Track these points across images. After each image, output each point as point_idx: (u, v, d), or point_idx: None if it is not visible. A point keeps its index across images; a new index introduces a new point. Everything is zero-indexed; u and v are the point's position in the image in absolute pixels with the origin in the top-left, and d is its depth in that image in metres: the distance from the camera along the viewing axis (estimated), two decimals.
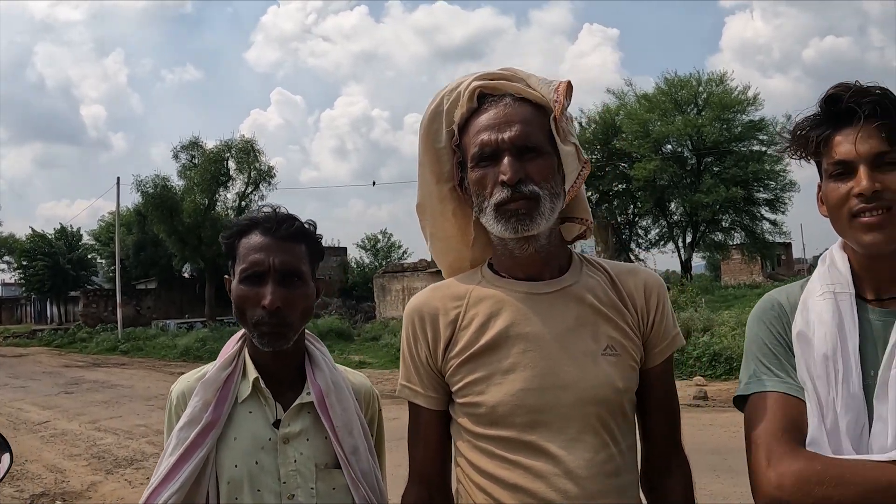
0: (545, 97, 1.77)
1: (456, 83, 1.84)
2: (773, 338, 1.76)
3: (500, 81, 1.79)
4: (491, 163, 1.70)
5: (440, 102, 1.85)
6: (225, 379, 1.99)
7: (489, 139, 1.70)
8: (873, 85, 1.67)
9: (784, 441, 1.61)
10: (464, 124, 1.79)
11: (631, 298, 1.82)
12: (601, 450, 1.69)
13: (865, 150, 1.61)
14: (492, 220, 1.71)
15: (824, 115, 1.70)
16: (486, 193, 1.71)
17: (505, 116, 1.72)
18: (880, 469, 1.49)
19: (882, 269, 1.69)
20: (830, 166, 1.68)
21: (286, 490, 1.92)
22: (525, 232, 1.69)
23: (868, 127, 1.61)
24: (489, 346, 1.74)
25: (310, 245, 2.03)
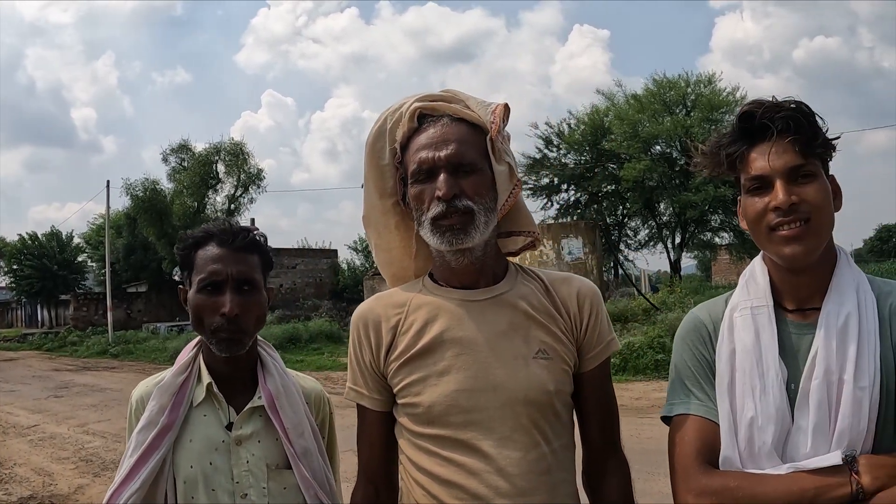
0: (482, 118, 1.86)
1: (399, 104, 1.94)
2: (695, 359, 1.85)
3: (439, 103, 1.89)
4: (429, 179, 1.80)
5: (384, 122, 1.94)
6: (180, 384, 2.11)
7: (426, 157, 1.80)
8: (788, 100, 1.74)
9: (699, 463, 1.70)
10: (405, 143, 1.88)
11: (564, 305, 1.90)
12: (532, 448, 1.78)
13: (780, 164, 1.68)
14: (429, 234, 1.81)
15: (739, 131, 1.76)
16: (424, 208, 1.81)
17: (442, 136, 1.82)
18: (793, 480, 1.58)
19: (801, 282, 1.76)
20: (748, 182, 1.74)
21: (239, 489, 2.04)
22: (459, 245, 1.79)
23: (782, 142, 1.68)
24: (425, 349, 1.83)
25: (262, 255, 2.15)
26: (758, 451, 1.65)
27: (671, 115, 35.15)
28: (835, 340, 1.65)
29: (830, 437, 1.61)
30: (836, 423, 1.61)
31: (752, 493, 1.59)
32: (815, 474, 1.56)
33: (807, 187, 1.67)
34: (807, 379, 1.66)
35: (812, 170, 1.69)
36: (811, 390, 1.64)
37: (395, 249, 2.04)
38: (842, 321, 1.67)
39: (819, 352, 1.66)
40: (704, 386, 1.80)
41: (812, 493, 1.54)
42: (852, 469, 1.55)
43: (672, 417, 1.83)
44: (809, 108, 1.72)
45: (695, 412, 1.78)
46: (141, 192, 37.65)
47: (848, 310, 1.68)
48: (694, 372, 1.83)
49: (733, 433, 1.69)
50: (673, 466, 1.76)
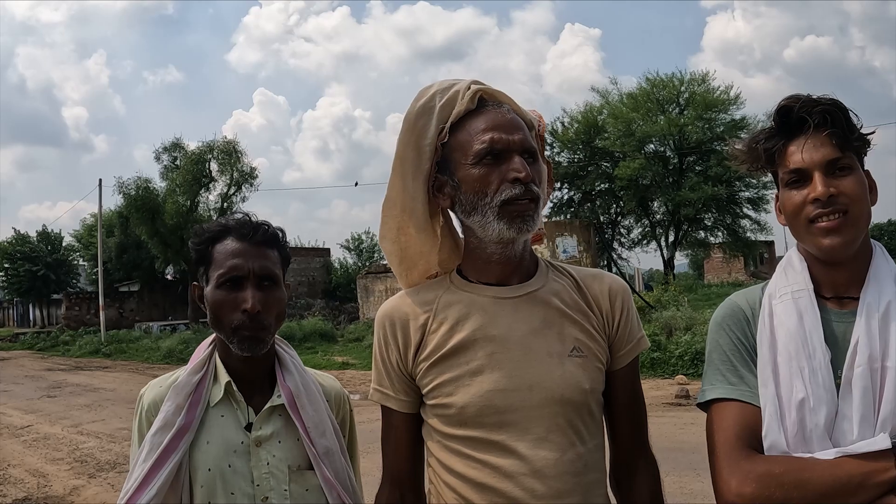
0: (530, 116, 1.84)
1: (449, 83, 1.86)
2: (733, 344, 1.82)
3: (498, 91, 1.84)
4: (496, 161, 1.73)
5: (431, 98, 1.84)
6: (196, 383, 2.03)
7: (499, 138, 1.73)
8: (824, 96, 1.73)
9: (742, 448, 1.67)
10: (457, 123, 1.81)
11: (596, 302, 1.86)
12: (568, 449, 1.73)
13: (819, 157, 1.67)
14: (492, 220, 1.73)
15: (777, 126, 1.76)
16: (490, 191, 1.72)
17: (511, 120, 1.77)
18: (838, 465, 1.55)
19: (838, 273, 1.75)
20: (786, 175, 1.73)
21: (260, 493, 1.96)
22: (527, 233, 1.75)
23: (819, 135, 1.68)
24: (457, 348, 1.77)
25: (281, 250, 2.07)
26: (810, 434, 1.63)
27: (665, 114, 35.23)
28: (877, 328, 1.64)
29: (874, 424, 1.59)
30: (879, 409, 1.60)
31: (799, 478, 1.57)
32: (861, 459, 1.54)
33: (844, 180, 1.67)
34: (849, 367, 1.64)
35: (849, 163, 1.68)
36: (854, 378, 1.62)
37: (421, 235, 1.94)
38: (883, 309, 1.66)
39: (861, 339, 1.64)
40: (742, 370, 1.77)
41: (859, 478, 1.52)
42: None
43: (710, 403, 1.80)
44: (844, 105, 1.71)
45: (735, 396, 1.74)
46: (133, 191, 37.52)
47: (888, 298, 1.67)
48: (731, 357, 1.80)
49: (779, 417, 1.66)
50: (714, 452, 1.72)
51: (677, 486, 6.82)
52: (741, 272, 49.33)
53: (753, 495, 1.59)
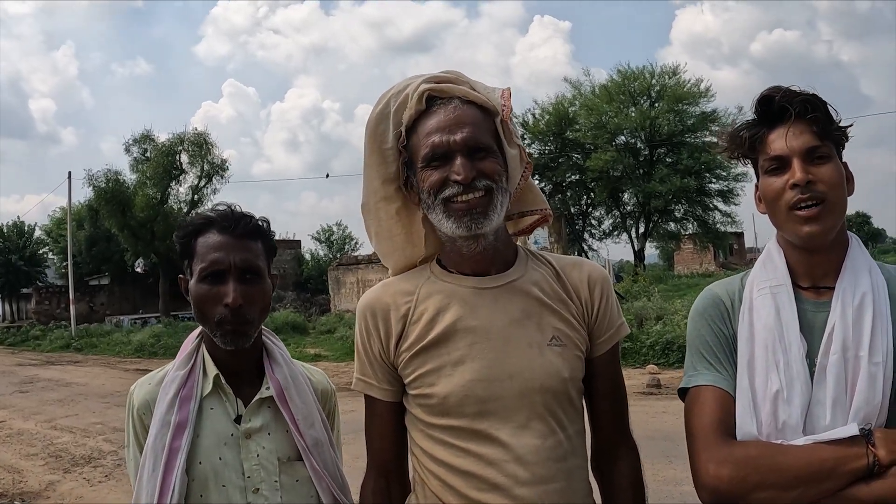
0: (491, 101, 1.84)
1: (403, 85, 1.90)
2: (713, 333, 1.88)
3: (448, 85, 1.85)
4: (442, 163, 1.76)
5: (387, 104, 1.89)
6: (185, 377, 2.03)
7: (441, 140, 1.76)
8: (804, 88, 1.80)
9: (720, 433, 1.74)
10: (412, 125, 1.84)
11: (576, 290, 1.90)
12: (549, 436, 1.78)
13: (798, 144, 1.73)
14: (442, 218, 1.78)
15: (758, 115, 1.82)
16: (435, 191, 1.77)
17: (456, 118, 1.77)
18: (813, 451, 1.63)
19: (816, 261, 1.81)
20: (766, 162, 1.80)
21: (251, 484, 1.98)
22: (478, 230, 1.76)
23: (799, 124, 1.74)
24: (439, 339, 1.81)
25: (265, 242, 2.08)
26: (782, 425, 1.70)
27: (636, 106, 35.40)
28: (851, 317, 1.71)
29: (847, 411, 1.67)
30: (852, 397, 1.67)
31: (774, 462, 1.64)
32: (834, 446, 1.62)
33: (822, 167, 1.73)
34: (824, 354, 1.71)
35: (827, 152, 1.75)
36: (829, 365, 1.69)
37: (397, 237, 1.99)
38: (858, 300, 1.73)
39: (836, 328, 1.71)
40: (722, 360, 1.84)
41: (831, 463, 1.59)
42: (868, 442, 1.61)
43: (689, 390, 1.86)
44: (822, 98, 1.78)
45: (714, 384, 1.81)
46: (103, 183, 37.20)
47: (863, 289, 1.74)
48: (712, 346, 1.87)
49: (752, 408, 1.74)
50: (692, 436, 1.78)
51: (650, 474, 6.85)
52: (711, 263, 49.65)
53: (730, 478, 1.66)
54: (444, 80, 1.87)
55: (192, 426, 1.96)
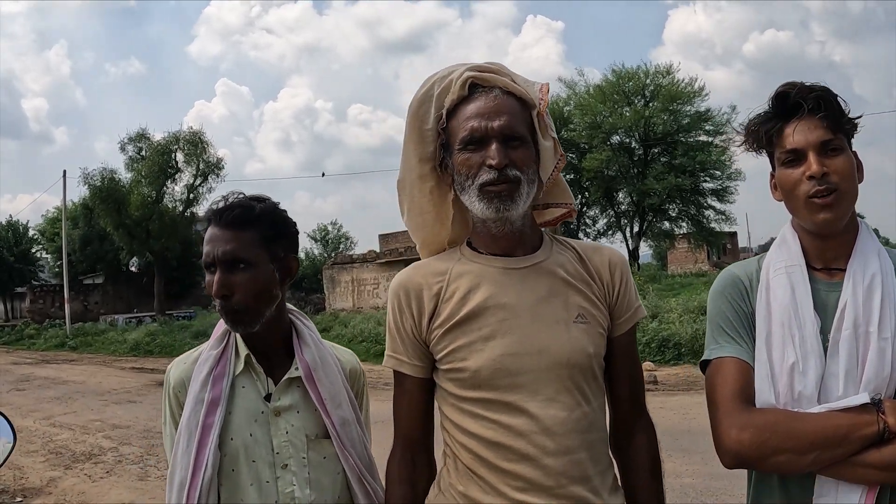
0: (529, 94, 1.93)
1: (448, 71, 1.98)
2: (733, 309, 1.98)
3: (490, 74, 1.93)
4: (478, 147, 1.85)
5: (431, 87, 1.98)
6: (219, 356, 2.10)
7: (479, 126, 1.84)
8: (816, 83, 1.90)
9: (741, 401, 1.84)
10: (453, 109, 1.92)
11: (598, 272, 1.99)
12: (575, 408, 1.86)
13: (813, 138, 1.83)
14: (475, 200, 1.86)
15: (774, 110, 1.92)
16: (472, 174, 1.85)
17: (495, 107, 1.86)
18: (827, 418, 1.74)
19: (828, 245, 1.91)
20: (783, 155, 1.89)
21: (279, 460, 2.05)
22: (505, 212, 1.84)
23: (813, 118, 1.84)
24: (470, 315, 1.89)
25: (261, 228, 2.08)
26: (798, 396, 1.80)
27: (630, 106, 35.49)
28: (861, 296, 1.82)
29: (858, 383, 1.77)
30: (863, 369, 1.78)
31: (791, 427, 1.75)
32: (847, 413, 1.73)
33: (836, 159, 1.83)
34: (837, 330, 1.82)
35: (840, 144, 1.85)
36: (841, 340, 1.80)
37: (427, 214, 2.07)
38: (868, 280, 1.84)
39: (848, 305, 1.82)
40: (742, 334, 1.94)
41: (844, 429, 1.70)
42: (879, 410, 1.72)
43: (711, 361, 1.96)
44: (834, 92, 1.88)
45: (735, 355, 1.91)
46: (99, 182, 37.21)
47: (873, 270, 1.85)
48: (732, 321, 1.96)
49: (770, 380, 1.84)
50: (715, 403, 1.88)
51: None
52: (705, 262, 49.84)
53: (751, 441, 1.77)
54: (487, 70, 1.95)
55: (224, 403, 2.03)
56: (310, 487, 2.06)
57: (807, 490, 1.80)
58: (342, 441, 2.09)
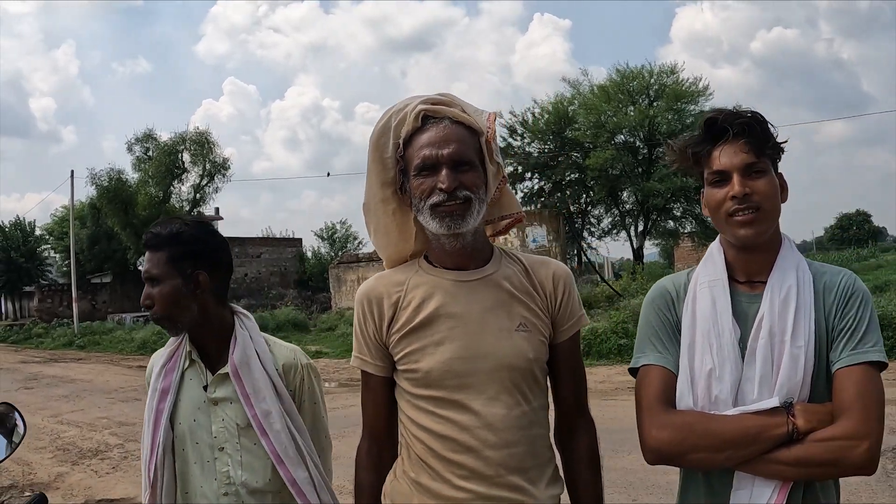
0: (478, 123, 2.14)
1: (403, 104, 2.19)
2: (660, 320, 2.18)
3: (441, 106, 2.14)
4: (431, 173, 2.06)
5: (388, 119, 2.19)
6: (172, 353, 2.55)
7: (430, 154, 2.05)
8: (745, 109, 2.09)
9: (662, 403, 2.05)
10: (408, 139, 2.13)
11: (542, 285, 2.20)
12: (515, 407, 2.09)
13: (738, 161, 2.01)
14: (429, 219, 2.07)
15: (705, 134, 2.09)
16: (425, 197, 2.06)
17: (444, 136, 2.07)
18: (741, 419, 1.93)
19: (751, 259, 2.09)
20: (710, 175, 2.08)
21: (217, 443, 2.45)
22: (457, 229, 2.05)
23: (739, 143, 2.02)
24: (423, 323, 2.12)
25: (169, 249, 2.45)
26: (715, 399, 1.99)
27: (635, 105, 35.44)
28: (777, 307, 2.00)
29: (773, 387, 1.95)
30: (777, 375, 1.96)
31: (706, 427, 1.94)
32: (759, 415, 1.91)
33: (758, 181, 2.01)
34: (754, 338, 2.00)
35: (763, 167, 2.02)
36: (758, 348, 1.99)
37: (392, 233, 2.29)
38: (784, 292, 2.01)
39: (765, 316, 2.00)
40: (667, 343, 2.13)
41: (755, 430, 1.89)
42: (789, 413, 1.90)
43: (638, 368, 2.15)
44: (763, 117, 2.06)
45: (659, 363, 2.10)
46: (106, 182, 37.38)
47: (789, 283, 2.02)
48: (658, 331, 2.16)
49: (690, 384, 2.03)
50: (639, 406, 2.09)
51: (639, 464, 7.06)
52: None
53: (670, 440, 1.97)
54: (438, 102, 2.16)
55: (174, 392, 2.49)
56: (242, 469, 2.43)
57: (727, 485, 1.98)
58: (264, 430, 2.40)
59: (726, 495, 1.98)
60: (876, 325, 1.99)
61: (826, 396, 1.96)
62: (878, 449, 1.86)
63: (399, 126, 2.15)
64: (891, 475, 6.65)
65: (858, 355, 1.93)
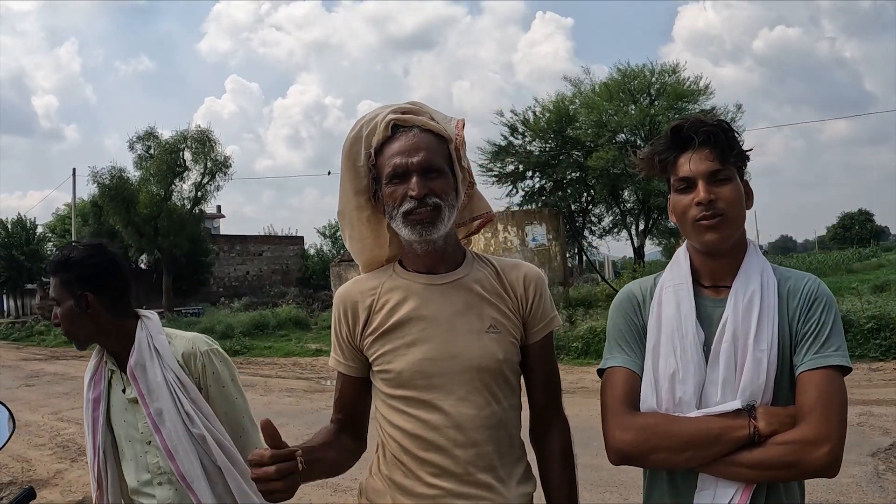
0: (446, 130, 2.20)
1: (373, 114, 2.24)
2: (626, 323, 2.22)
3: (410, 115, 2.19)
4: (401, 181, 2.11)
5: (360, 129, 2.24)
6: (97, 364, 2.79)
7: (401, 162, 2.10)
8: (711, 117, 2.12)
9: (626, 405, 2.09)
10: (379, 148, 2.18)
11: (512, 287, 2.25)
12: (485, 407, 2.14)
13: (703, 168, 2.05)
14: (401, 226, 2.12)
15: (671, 141, 2.13)
16: (397, 204, 2.11)
17: (413, 144, 2.12)
18: (702, 421, 1.97)
19: (716, 264, 2.13)
20: (676, 182, 2.11)
21: (144, 437, 2.67)
22: (428, 236, 2.11)
23: (704, 150, 2.05)
24: (396, 325, 2.17)
25: (60, 275, 2.67)
26: (679, 401, 2.03)
27: (636, 104, 35.43)
28: (741, 311, 2.04)
29: (736, 390, 1.99)
30: (740, 378, 2.00)
31: (668, 429, 1.98)
32: (721, 417, 1.95)
33: (723, 188, 2.04)
34: (717, 342, 2.04)
35: (728, 175, 2.06)
36: (721, 351, 2.02)
37: (366, 239, 2.34)
38: (748, 297, 2.05)
39: (729, 319, 2.04)
40: (633, 345, 2.17)
41: (717, 431, 1.93)
42: (751, 415, 1.94)
43: (605, 370, 2.19)
44: (729, 125, 2.10)
45: (624, 365, 2.14)
46: (108, 180, 37.37)
47: (753, 288, 2.06)
48: (624, 334, 2.20)
49: (653, 386, 2.07)
50: (604, 407, 2.12)
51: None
52: None
53: (632, 441, 2.01)
54: (407, 112, 2.21)
55: (105, 400, 2.73)
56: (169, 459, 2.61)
57: (691, 485, 2.02)
58: (157, 426, 2.60)
59: (690, 496, 2.02)
60: (839, 329, 2.02)
61: (790, 400, 1.98)
62: (839, 451, 1.88)
63: (370, 135, 2.21)
64: (882, 476, 6.70)
65: (821, 359, 1.96)
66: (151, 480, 2.65)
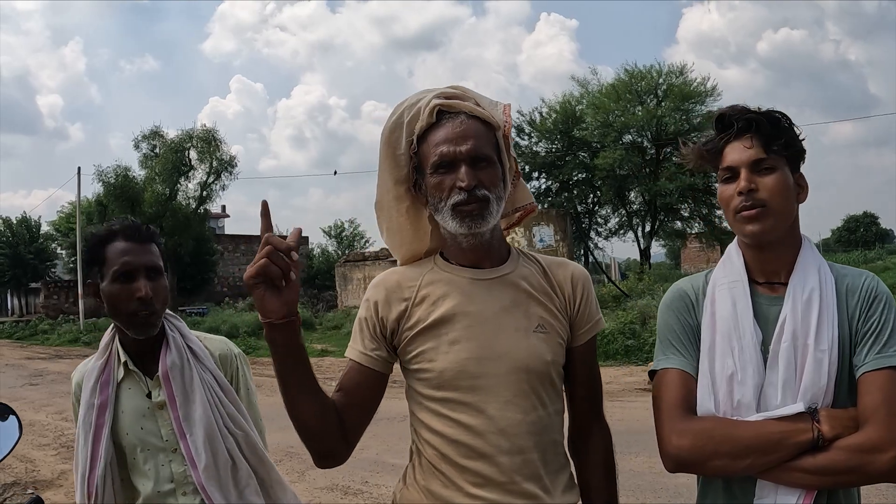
0: (493, 116, 2.07)
1: (415, 98, 2.11)
2: (679, 323, 2.11)
3: (456, 101, 2.06)
4: (449, 171, 1.98)
5: (401, 115, 2.11)
6: (103, 366, 2.47)
7: (448, 151, 1.98)
8: (759, 107, 2.04)
9: (682, 409, 1.97)
10: (422, 135, 2.05)
11: (560, 286, 2.13)
12: (531, 411, 2.00)
13: (745, 157, 1.97)
14: (448, 219, 1.99)
15: (717, 131, 2.06)
16: (444, 196, 1.99)
17: (461, 132, 2.00)
18: (762, 425, 1.86)
19: (768, 259, 2.04)
20: (721, 172, 2.04)
21: (169, 445, 2.42)
22: (477, 229, 1.98)
23: (749, 139, 1.97)
24: (438, 321, 2.03)
25: (160, 246, 2.46)
26: (737, 404, 1.93)
27: (643, 105, 35.40)
28: (800, 310, 1.94)
29: (796, 392, 1.89)
30: (800, 380, 1.90)
31: (727, 433, 1.87)
32: (783, 421, 1.85)
33: (767, 178, 1.95)
34: (776, 342, 1.93)
35: (773, 164, 1.96)
36: (780, 352, 1.92)
37: (406, 232, 2.21)
38: (807, 294, 1.95)
39: (787, 319, 1.94)
40: (687, 346, 2.06)
41: (778, 436, 1.82)
42: (814, 419, 1.84)
43: (657, 372, 2.08)
44: (780, 115, 2.01)
45: (679, 366, 2.04)
46: (113, 179, 37.45)
47: (812, 285, 1.96)
48: (678, 334, 2.09)
49: (711, 389, 1.96)
50: (659, 411, 2.01)
51: (646, 466, 7.13)
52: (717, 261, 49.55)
53: (689, 447, 1.90)
54: (452, 97, 2.08)
55: (112, 406, 2.43)
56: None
57: (748, 492, 1.92)
58: (183, 433, 2.39)
59: (747, 503, 1.92)
60: None
61: (849, 402, 1.90)
62: None
63: (412, 121, 2.08)
64: None
65: (884, 359, 1.87)
66: (175, 490, 2.42)
